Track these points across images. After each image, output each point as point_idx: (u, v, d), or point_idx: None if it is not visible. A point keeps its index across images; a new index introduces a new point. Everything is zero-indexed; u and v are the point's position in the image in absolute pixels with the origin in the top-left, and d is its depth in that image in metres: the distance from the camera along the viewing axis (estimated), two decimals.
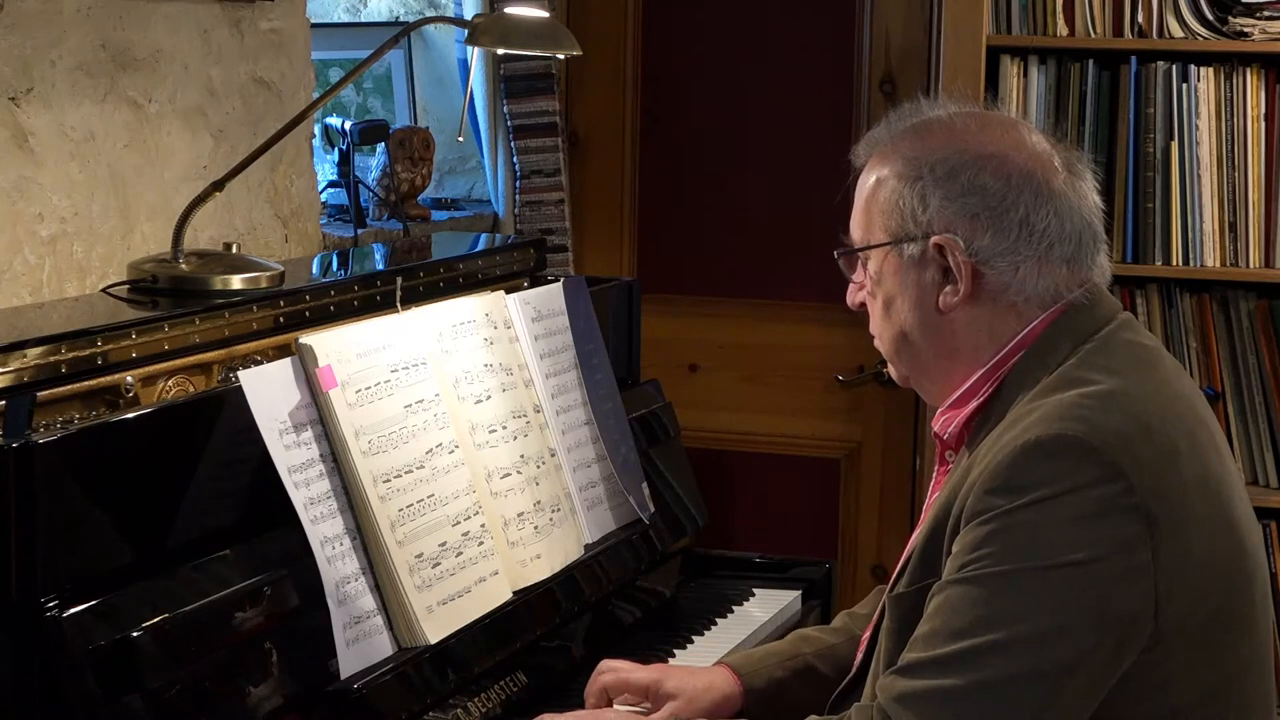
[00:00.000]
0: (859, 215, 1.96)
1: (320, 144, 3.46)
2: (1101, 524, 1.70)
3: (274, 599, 1.91)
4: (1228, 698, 1.79)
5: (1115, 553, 1.69)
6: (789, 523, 3.92)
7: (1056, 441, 1.72)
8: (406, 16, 3.91)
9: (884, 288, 1.93)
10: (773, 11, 3.85)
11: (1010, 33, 3.50)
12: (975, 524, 1.74)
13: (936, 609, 1.75)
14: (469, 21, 2.64)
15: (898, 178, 1.90)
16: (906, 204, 1.88)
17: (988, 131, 1.91)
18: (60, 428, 1.83)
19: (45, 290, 2.46)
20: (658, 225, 3.97)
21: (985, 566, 1.71)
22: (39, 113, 2.44)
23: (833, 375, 3.86)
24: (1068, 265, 1.87)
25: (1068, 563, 1.69)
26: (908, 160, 1.90)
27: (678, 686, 2.10)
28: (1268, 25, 3.39)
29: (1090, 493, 1.70)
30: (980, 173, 1.86)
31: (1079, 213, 1.88)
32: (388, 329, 2.21)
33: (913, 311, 1.91)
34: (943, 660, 1.71)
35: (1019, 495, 1.71)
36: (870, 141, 1.98)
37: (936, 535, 1.82)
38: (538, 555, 2.36)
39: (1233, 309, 3.47)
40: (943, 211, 1.86)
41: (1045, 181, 1.87)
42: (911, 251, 1.89)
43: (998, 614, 1.70)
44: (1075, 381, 1.79)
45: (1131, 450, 1.72)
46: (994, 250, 1.85)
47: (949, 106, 1.99)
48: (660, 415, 2.90)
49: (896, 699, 1.74)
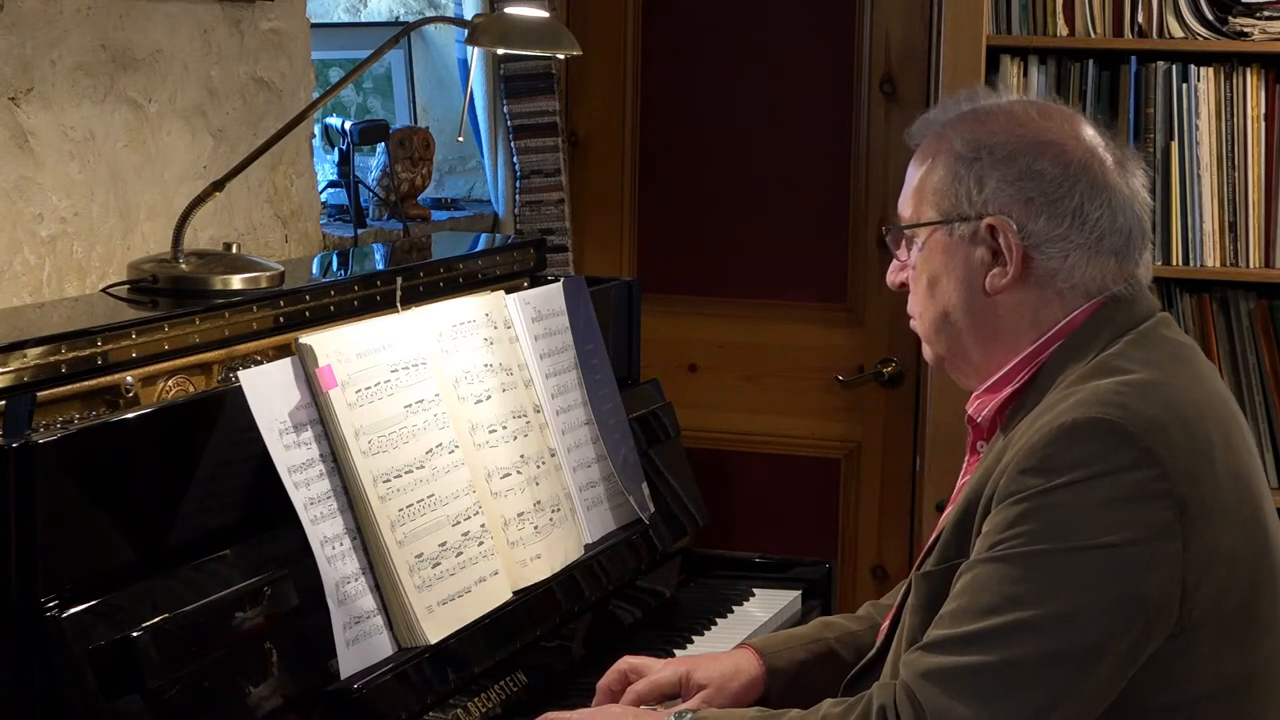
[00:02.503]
0: (911, 194, 1.97)
1: (320, 144, 3.46)
2: (1134, 508, 1.71)
3: (274, 599, 1.91)
4: (1246, 693, 1.80)
5: (1146, 538, 1.71)
6: (789, 523, 3.91)
7: (1093, 425, 1.74)
8: (406, 16, 3.91)
9: (930, 266, 1.94)
10: (772, 11, 3.85)
11: (1010, 33, 3.50)
12: (1008, 503, 1.75)
13: (965, 587, 1.76)
14: (469, 21, 2.64)
15: (955, 158, 1.91)
16: (963, 184, 1.90)
17: (1048, 120, 1.93)
18: (60, 428, 1.83)
19: (45, 290, 2.46)
20: (658, 225, 3.97)
21: (1017, 545, 1.73)
22: (39, 113, 2.44)
23: (833, 375, 3.86)
24: (1116, 258, 1.89)
25: (1099, 545, 1.70)
26: (967, 141, 1.91)
27: (706, 676, 2.10)
28: (1268, 25, 3.39)
29: (1124, 477, 1.71)
30: (1038, 159, 1.88)
31: (1131, 208, 1.90)
32: (388, 329, 2.21)
33: (958, 291, 1.92)
34: (969, 637, 1.73)
35: (1054, 476, 1.72)
36: (926, 123, 2.00)
37: (967, 516, 1.83)
38: (538, 555, 2.36)
39: (1233, 309, 3.47)
40: (998, 194, 1.88)
41: (1101, 174, 1.89)
42: (962, 231, 1.90)
43: (1027, 593, 1.71)
44: (1113, 370, 1.81)
45: (1167, 438, 1.74)
46: (1046, 235, 1.87)
47: (1009, 95, 2.01)
48: (660, 415, 2.90)
49: (921, 674, 1.75)
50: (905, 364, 3.81)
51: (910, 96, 3.76)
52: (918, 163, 1.97)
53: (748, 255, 3.90)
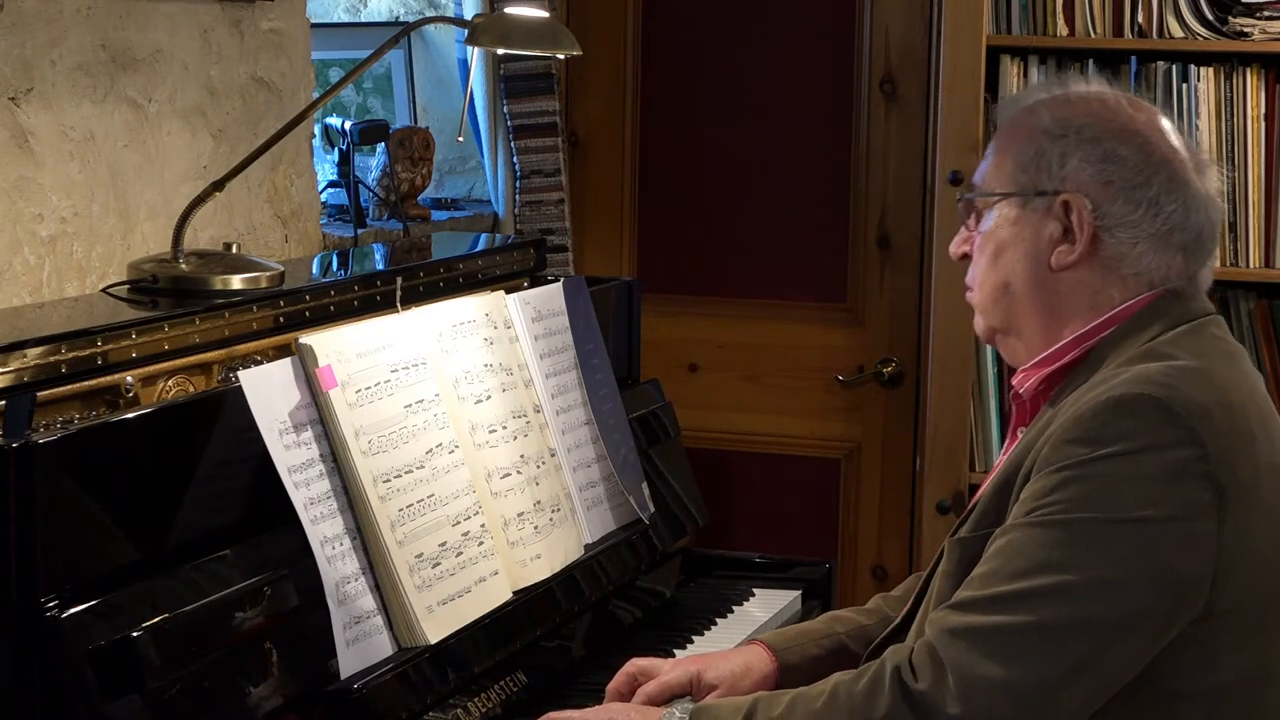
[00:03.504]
0: (991, 164, 2.00)
1: (320, 144, 3.46)
2: (1174, 486, 1.74)
3: (274, 599, 1.91)
4: (1266, 687, 1.82)
5: (1183, 516, 1.73)
6: (789, 523, 3.91)
7: (1139, 400, 1.76)
8: (406, 16, 3.91)
9: (998, 236, 1.96)
10: (773, 11, 3.85)
11: (1010, 33, 3.50)
12: (1049, 471, 1.77)
13: (999, 550, 1.78)
14: (469, 21, 2.64)
15: (1042, 133, 1.94)
16: (1045, 159, 1.93)
17: (1137, 111, 1.97)
18: (60, 428, 1.83)
19: (45, 290, 2.46)
20: (658, 225, 3.97)
21: (1055, 513, 1.75)
22: (39, 113, 2.44)
23: (833, 375, 3.86)
24: (1183, 254, 1.92)
25: (1136, 519, 1.73)
26: (1055, 119, 1.95)
27: (717, 675, 2.10)
28: (1268, 25, 3.39)
29: (1166, 454, 1.74)
30: (1123, 145, 1.92)
31: (1205, 209, 1.93)
32: (388, 329, 2.21)
33: (1023, 263, 1.94)
34: (999, 598, 1.75)
35: (1098, 447, 1.75)
36: (1014, 100, 2.05)
37: (1006, 485, 1.85)
38: (538, 555, 2.36)
39: (1233, 309, 3.47)
40: (1079, 172, 1.91)
41: (1180, 170, 1.92)
42: (1037, 205, 1.93)
43: (1060, 559, 1.73)
44: (1163, 356, 1.84)
45: (1211, 422, 1.76)
46: (1119, 220, 1.90)
47: (1101, 84, 2.04)
48: (660, 415, 2.90)
49: (947, 631, 1.76)
50: (905, 364, 3.81)
51: (910, 96, 3.76)
52: (1002, 135, 2.00)
53: (748, 255, 3.90)
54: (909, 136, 3.77)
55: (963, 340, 3.49)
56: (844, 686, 1.82)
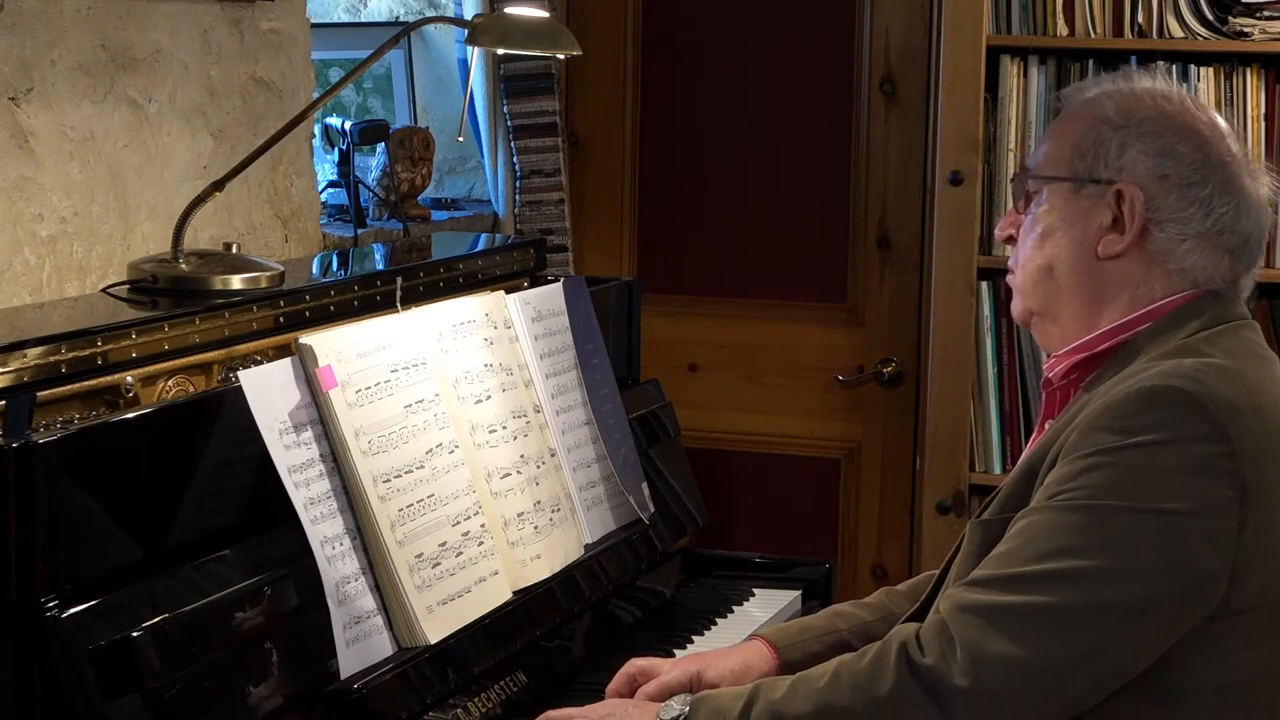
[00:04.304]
0: (1049, 147, 2.00)
1: (320, 144, 3.46)
2: (1198, 480, 1.74)
3: (274, 599, 1.91)
4: (1277, 690, 1.82)
5: (1205, 511, 1.74)
6: (789, 523, 3.91)
7: (1170, 393, 1.77)
8: (406, 16, 3.91)
9: (1048, 219, 1.97)
10: (773, 11, 3.85)
11: (1010, 33, 3.50)
12: (1075, 457, 1.78)
13: (1019, 531, 1.79)
14: (469, 21, 2.64)
15: (1103, 122, 1.95)
16: (1104, 147, 1.94)
17: (1201, 111, 1.98)
18: (60, 428, 1.83)
19: (45, 290, 2.46)
20: (658, 225, 3.97)
21: (1078, 497, 1.76)
22: (39, 113, 2.44)
23: (833, 375, 3.86)
24: (1230, 256, 1.93)
25: (1158, 510, 1.74)
26: (1119, 109, 1.96)
27: (718, 674, 2.11)
28: (1268, 25, 3.39)
29: (1193, 448, 1.75)
30: (1183, 142, 1.93)
31: (1256, 215, 1.95)
32: (388, 329, 2.21)
33: (1070, 247, 1.95)
34: (1016, 578, 1.76)
35: (1126, 436, 1.76)
36: (1080, 88, 2.04)
37: (1032, 470, 1.86)
38: (538, 555, 2.36)
39: None
40: (1136, 163, 1.92)
41: (1236, 174, 1.94)
42: (1090, 191, 1.94)
43: (1080, 544, 1.74)
44: (1196, 352, 1.86)
45: (1240, 420, 1.77)
46: (1171, 215, 1.91)
47: (1166, 82, 2.05)
48: (660, 415, 2.90)
49: (960, 608, 1.77)
50: (905, 364, 3.81)
51: (910, 96, 3.76)
52: (1061, 123, 2.01)
53: (748, 255, 3.90)
54: (909, 136, 3.77)
55: (963, 340, 3.49)
56: (847, 665, 1.82)
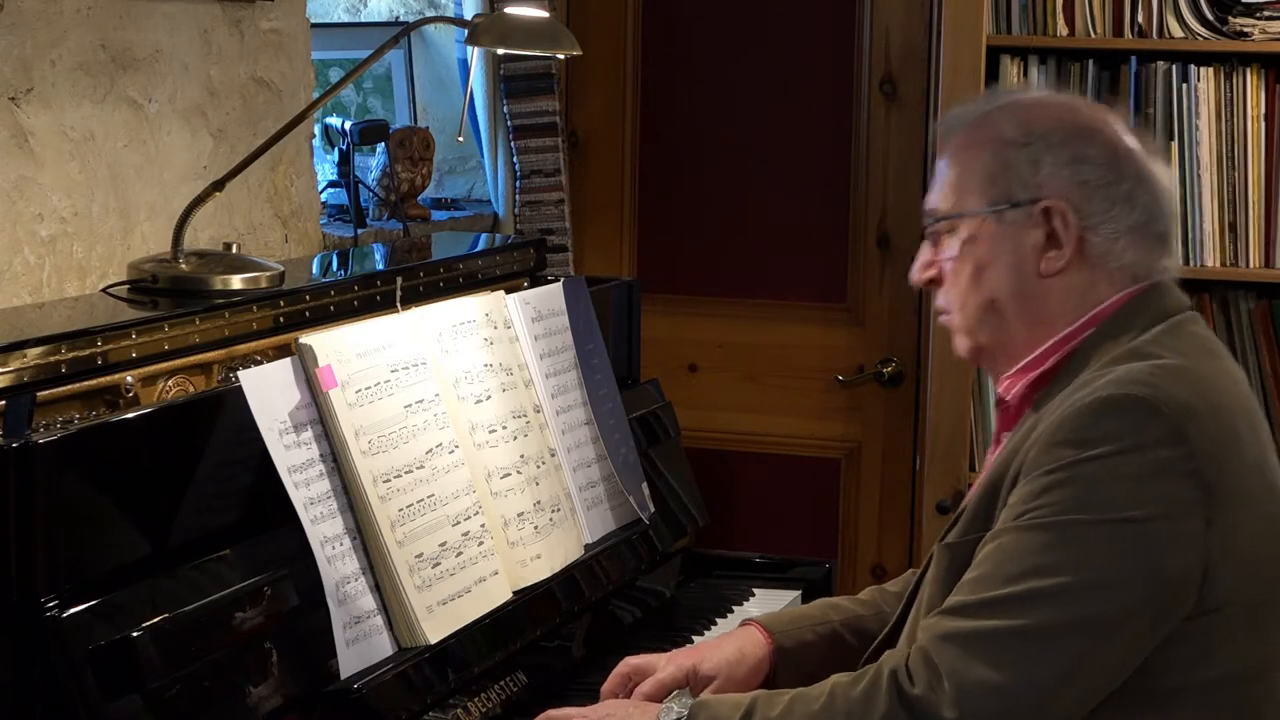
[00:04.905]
0: (951, 185, 1.96)
1: (320, 144, 3.46)
2: (1160, 484, 1.74)
3: (274, 599, 1.91)
4: (1258, 683, 1.82)
5: (1171, 514, 1.74)
6: (789, 523, 3.91)
7: (1125, 400, 1.77)
8: (406, 16, 3.91)
9: (976, 254, 1.94)
10: (773, 11, 3.85)
11: (1010, 33, 3.50)
12: (1038, 474, 1.77)
13: (989, 554, 1.79)
14: (469, 21, 2.64)
15: (1006, 143, 1.93)
16: (1015, 169, 1.92)
17: (1094, 109, 1.98)
18: (60, 428, 1.83)
19: (45, 290, 2.46)
20: (658, 225, 3.97)
21: (1044, 515, 1.75)
22: (39, 113, 2.44)
23: (833, 375, 3.86)
24: (1160, 243, 1.93)
25: (1125, 519, 1.73)
26: (1018, 126, 1.94)
27: (714, 666, 2.11)
28: (1268, 25, 3.39)
29: (1152, 453, 1.74)
30: (1089, 145, 1.92)
31: (1169, 199, 1.95)
32: (388, 329, 2.21)
33: (1008, 276, 1.93)
34: (992, 602, 1.75)
35: (1084, 449, 1.75)
36: (959, 116, 2.01)
37: (993, 490, 1.86)
38: (538, 555, 2.36)
39: (1233, 309, 3.47)
40: (1053, 177, 1.91)
41: (1144, 163, 1.94)
42: (1014, 216, 1.92)
43: (1051, 562, 1.73)
44: (1147, 355, 1.85)
45: (1196, 420, 1.77)
46: (1102, 218, 1.91)
47: (1038, 90, 2.03)
48: (660, 415, 2.90)
49: (940, 637, 1.76)
50: (905, 364, 3.81)
51: (910, 96, 3.76)
52: (957, 153, 1.98)
53: (748, 255, 3.90)
54: (909, 136, 3.77)
55: None
56: (841, 689, 1.81)
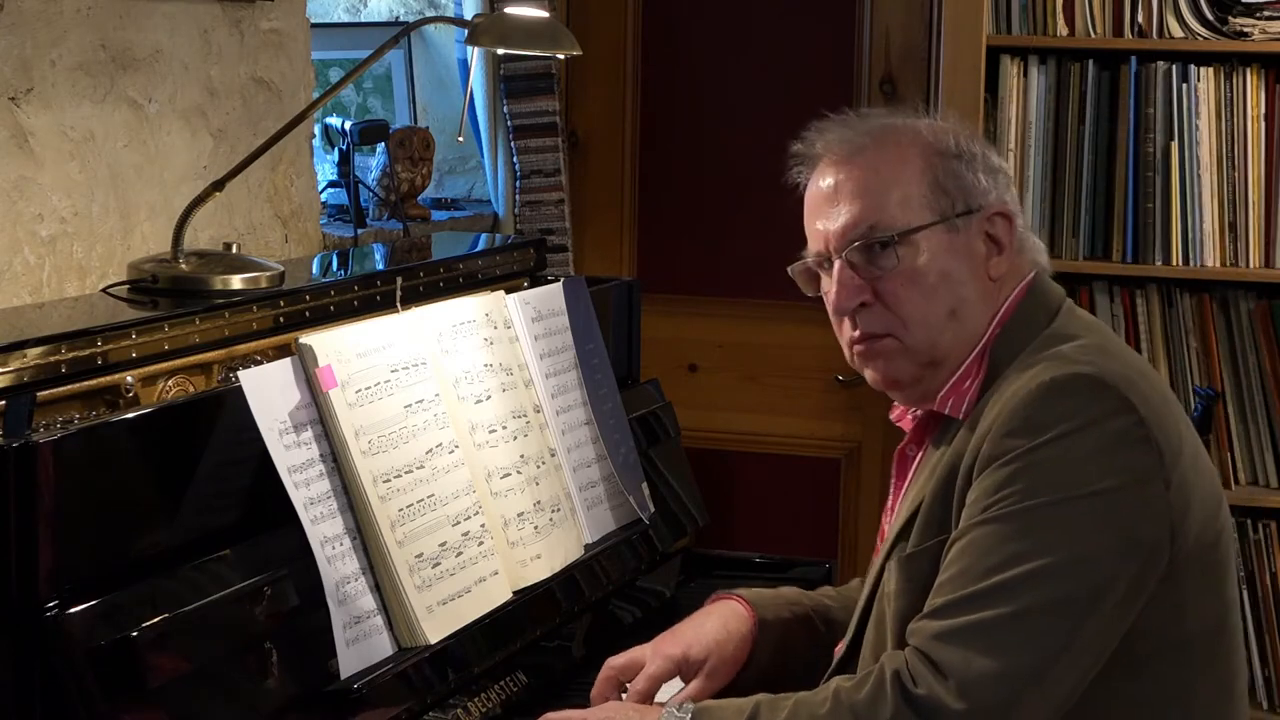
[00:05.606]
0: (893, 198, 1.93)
1: (320, 144, 3.46)
2: (1120, 454, 1.77)
3: (274, 599, 1.91)
4: (1222, 632, 1.87)
5: (1135, 482, 1.77)
6: (789, 523, 3.92)
7: (1072, 380, 1.80)
8: (406, 16, 3.91)
9: (936, 264, 1.93)
10: (773, 11, 3.85)
11: (1010, 33, 3.50)
12: (995, 467, 1.79)
13: (962, 551, 1.80)
14: (469, 21, 2.64)
15: (941, 154, 1.95)
16: (958, 177, 1.94)
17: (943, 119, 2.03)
18: (60, 428, 1.83)
19: (45, 290, 2.46)
20: (658, 225, 3.97)
21: (1011, 504, 1.77)
22: (39, 113, 2.44)
23: (833, 375, 3.86)
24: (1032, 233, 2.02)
25: (1093, 492, 1.75)
26: (940, 138, 1.96)
27: (703, 649, 2.11)
28: (1268, 25, 3.39)
29: (1108, 425, 1.77)
30: (984, 150, 1.98)
31: None
32: (388, 329, 2.21)
33: (969, 283, 1.94)
34: (978, 595, 1.76)
35: (1040, 433, 1.77)
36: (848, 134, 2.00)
37: (945, 494, 1.86)
38: (538, 555, 2.36)
39: (1233, 309, 3.47)
40: (984, 183, 1.95)
41: None
42: (963, 224, 1.93)
43: (1029, 547, 1.75)
44: (1066, 339, 1.89)
45: (1136, 389, 1.81)
46: (1015, 214, 1.97)
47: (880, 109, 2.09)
48: (660, 415, 2.90)
49: (934, 637, 1.77)
50: None
51: (910, 96, 3.76)
52: (881, 166, 1.95)
53: (748, 255, 3.90)
54: None
55: None
56: (845, 693, 1.82)
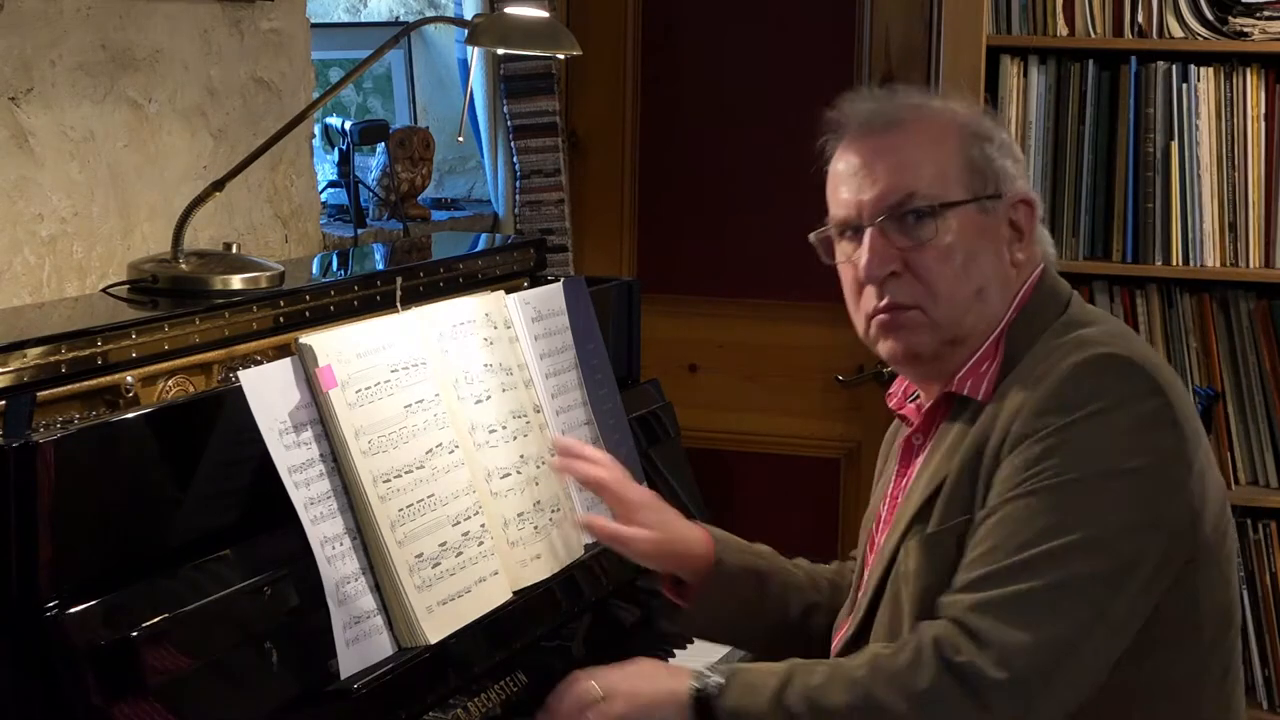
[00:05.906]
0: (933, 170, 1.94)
1: (320, 144, 3.46)
2: (1151, 435, 1.80)
3: (274, 599, 1.91)
4: (1231, 626, 1.89)
5: (1164, 462, 1.80)
6: (789, 523, 3.91)
7: (1105, 359, 1.82)
8: (406, 16, 3.91)
9: (967, 242, 1.94)
10: (773, 11, 3.85)
11: (1010, 33, 3.50)
12: (1028, 444, 1.81)
13: (994, 526, 1.81)
14: (469, 21, 2.64)
15: (975, 137, 1.96)
16: (990, 162, 1.95)
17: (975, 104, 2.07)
18: (60, 428, 1.83)
19: (45, 290, 2.46)
20: (658, 225, 3.97)
21: (1045, 479, 1.79)
22: (39, 113, 2.44)
23: (833, 375, 3.86)
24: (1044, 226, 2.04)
25: (1125, 470, 1.78)
26: (974, 122, 1.97)
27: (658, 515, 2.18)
28: (1268, 25, 3.39)
29: (1140, 406, 1.80)
30: (1006, 134, 2.00)
31: None
32: (388, 329, 2.21)
33: (994, 264, 1.95)
34: (1014, 567, 1.78)
35: (1073, 411, 1.80)
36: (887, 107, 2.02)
37: (970, 474, 1.87)
38: (538, 555, 2.36)
39: (1233, 309, 3.47)
40: (1012, 170, 1.97)
41: None
42: (992, 206, 1.95)
43: (1062, 521, 1.77)
44: (1086, 324, 1.91)
45: (1161, 372, 1.84)
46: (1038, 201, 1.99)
47: None
48: (660, 415, 2.90)
49: (971, 609, 1.79)
50: None
51: None
52: (922, 140, 1.96)
53: (748, 255, 3.90)
54: None
55: None
56: (883, 659, 1.83)
